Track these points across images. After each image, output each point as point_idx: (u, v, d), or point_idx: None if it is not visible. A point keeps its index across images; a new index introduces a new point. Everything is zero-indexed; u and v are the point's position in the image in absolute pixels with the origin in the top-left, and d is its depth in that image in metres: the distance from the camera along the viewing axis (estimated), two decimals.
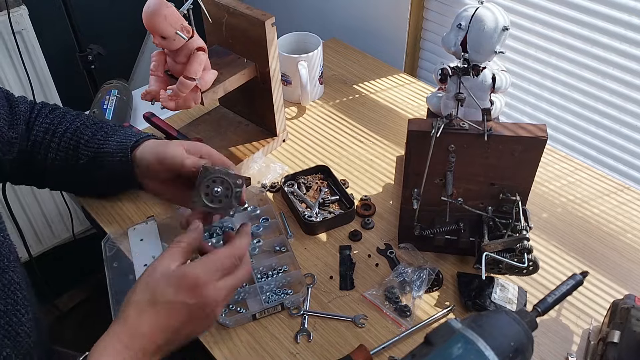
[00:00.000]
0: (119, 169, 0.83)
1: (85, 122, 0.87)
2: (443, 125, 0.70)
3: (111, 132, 0.86)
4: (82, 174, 0.86)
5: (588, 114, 1.08)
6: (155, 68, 0.88)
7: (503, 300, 0.76)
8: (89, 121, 0.88)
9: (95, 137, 0.85)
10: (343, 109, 1.14)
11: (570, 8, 1.01)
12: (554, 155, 1.02)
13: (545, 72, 1.11)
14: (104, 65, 1.42)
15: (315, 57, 1.11)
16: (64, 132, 0.85)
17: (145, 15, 0.78)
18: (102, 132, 0.86)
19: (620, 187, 0.95)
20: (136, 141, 0.82)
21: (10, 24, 1.29)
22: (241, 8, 0.91)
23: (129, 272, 0.83)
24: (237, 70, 0.94)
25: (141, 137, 0.84)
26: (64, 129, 0.86)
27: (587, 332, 0.75)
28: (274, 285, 0.81)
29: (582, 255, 0.85)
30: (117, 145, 0.83)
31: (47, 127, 0.86)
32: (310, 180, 0.97)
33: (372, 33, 1.38)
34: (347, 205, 0.92)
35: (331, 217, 0.89)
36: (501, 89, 0.80)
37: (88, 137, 0.85)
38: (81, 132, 0.85)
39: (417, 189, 0.77)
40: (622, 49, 0.97)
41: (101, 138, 0.85)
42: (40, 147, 0.85)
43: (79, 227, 1.68)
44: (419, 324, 0.76)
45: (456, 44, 0.77)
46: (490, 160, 0.73)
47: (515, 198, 0.75)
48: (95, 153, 0.84)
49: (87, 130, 0.86)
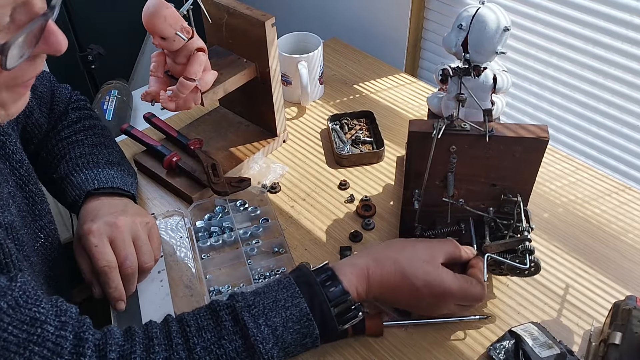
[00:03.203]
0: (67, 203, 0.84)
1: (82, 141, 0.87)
2: (444, 126, 0.70)
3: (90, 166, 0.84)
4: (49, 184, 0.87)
5: (589, 114, 1.08)
6: (155, 69, 0.87)
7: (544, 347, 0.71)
8: (87, 140, 0.88)
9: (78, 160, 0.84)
10: (343, 109, 1.14)
11: (572, 8, 1.00)
12: (555, 155, 1.02)
13: (546, 72, 1.10)
14: (104, 65, 1.42)
15: (316, 57, 1.11)
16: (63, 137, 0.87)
17: (145, 16, 0.78)
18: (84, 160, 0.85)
19: (621, 188, 0.95)
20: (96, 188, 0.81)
21: None
22: (241, 8, 0.90)
23: None
24: (237, 70, 0.94)
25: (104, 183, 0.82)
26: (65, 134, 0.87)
27: (588, 334, 0.74)
28: None
29: (583, 256, 0.85)
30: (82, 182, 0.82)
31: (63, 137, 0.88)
32: (354, 123, 1.07)
33: (373, 33, 1.37)
34: (377, 147, 1.03)
35: (359, 152, 1.00)
36: (502, 89, 0.80)
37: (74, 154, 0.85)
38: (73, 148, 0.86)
39: (418, 190, 0.77)
40: (624, 49, 0.97)
41: (80, 164, 0.84)
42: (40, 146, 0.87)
43: None
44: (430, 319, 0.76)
45: (457, 45, 0.76)
46: (492, 161, 0.73)
47: (517, 199, 0.75)
48: (65, 175, 0.84)
49: (77, 150, 0.86)
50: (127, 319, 0.76)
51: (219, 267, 0.84)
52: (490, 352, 0.71)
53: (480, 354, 0.72)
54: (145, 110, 1.10)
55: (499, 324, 0.76)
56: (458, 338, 0.74)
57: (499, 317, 0.77)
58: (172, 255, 0.85)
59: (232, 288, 0.80)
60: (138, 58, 1.81)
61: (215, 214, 0.91)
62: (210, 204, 0.93)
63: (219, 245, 0.87)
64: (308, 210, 0.94)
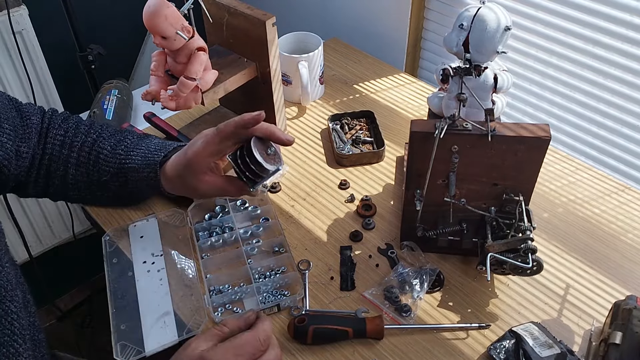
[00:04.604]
0: (144, 185, 0.83)
1: (101, 134, 0.86)
2: (446, 126, 0.70)
3: (132, 146, 0.84)
4: (105, 189, 0.86)
5: (589, 114, 1.08)
6: (155, 68, 0.87)
7: (545, 346, 0.71)
8: (105, 133, 0.86)
9: (115, 151, 0.84)
10: (344, 109, 1.14)
11: (572, 8, 1.00)
12: (555, 155, 1.02)
13: (546, 72, 1.10)
14: (104, 65, 1.42)
15: (316, 57, 1.11)
16: (81, 145, 0.84)
17: (145, 15, 0.78)
18: (123, 146, 0.84)
19: (621, 188, 0.95)
20: (165, 155, 0.82)
21: (10, 24, 1.29)
22: (242, 8, 0.90)
23: (128, 268, 0.83)
24: (237, 70, 0.94)
25: (167, 149, 0.83)
26: (80, 142, 0.85)
27: (588, 333, 0.74)
28: (271, 287, 0.80)
29: (583, 256, 0.85)
30: (142, 160, 0.83)
31: (62, 140, 0.84)
32: (354, 122, 1.08)
33: (373, 33, 1.37)
34: (377, 147, 1.02)
35: (359, 152, 1.01)
36: (503, 89, 0.80)
37: (107, 151, 0.84)
38: (99, 146, 0.84)
39: (419, 190, 0.77)
40: (624, 49, 0.97)
41: (122, 153, 0.84)
42: (59, 162, 0.84)
43: (79, 227, 1.68)
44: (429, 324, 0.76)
45: (458, 44, 0.76)
46: (493, 161, 0.73)
47: (518, 198, 0.75)
48: (118, 169, 0.83)
49: (105, 144, 0.84)
50: (126, 318, 0.76)
51: (219, 267, 0.84)
52: (491, 352, 0.71)
53: (481, 353, 0.72)
54: (145, 109, 1.10)
55: (500, 324, 0.76)
56: (459, 338, 0.74)
57: (499, 316, 0.77)
58: (172, 255, 0.85)
59: (232, 287, 0.80)
60: (138, 58, 1.80)
61: (216, 214, 0.91)
62: (211, 204, 0.93)
63: (219, 245, 0.87)
64: (308, 209, 0.94)
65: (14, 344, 0.65)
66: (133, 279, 0.82)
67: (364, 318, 0.74)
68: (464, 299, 0.79)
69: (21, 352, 0.65)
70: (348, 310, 0.77)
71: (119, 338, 0.74)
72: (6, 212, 1.18)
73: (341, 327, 0.73)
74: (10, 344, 0.64)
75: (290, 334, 0.74)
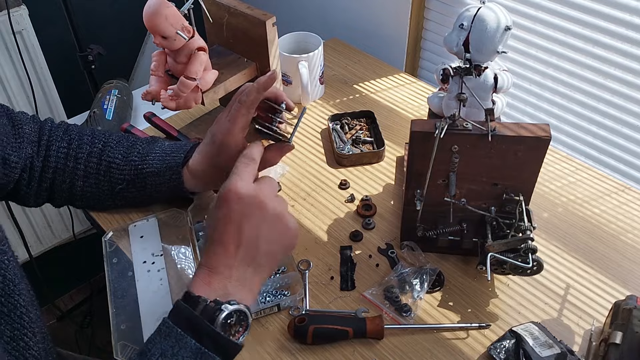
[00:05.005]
0: (164, 188, 0.83)
1: (107, 143, 0.85)
2: (447, 126, 0.70)
3: (145, 151, 0.84)
4: (120, 197, 0.86)
5: (589, 114, 1.08)
6: (155, 68, 0.88)
7: (545, 346, 0.71)
8: (111, 141, 0.85)
9: (128, 158, 0.83)
10: (344, 109, 1.14)
11: (572, 8, 1.01)
12: (554, 155, 1.02)
13: (547, 72, 1.11)
14: (104, 65, 1.42)
15: (316, 57, 1.11)
16: (87, 156, 0.83)
17: (145, 15, 0.78)
18: (135, 152, 0.84)
19: (621, 188, 0.95)
20: (185, 156, 0.82)
21: (10, 23, 1.29)
22: (242, 8, 0.90)
23: (128, 268, 0.83)
24: (237, 70, 0.94)
25: (184, 149, 0.83)
26: (86, 153, 0.84)
27: (588, 333, 0.74)
28: (271, 286, 0.80)
29: (583, 256, 0.85)
30: (161, 163, 0.82)
31: (66, 152, 0.83)
32: (354, 122, 1.08)
33: (373, 33, 1.37)
34: (377, 147, 1.03)
35: (359, 152, 1.01)
36: (503, 89, 0.80)
37: (119, 160, 0.83)
38: (109, 156, 0.84)
39: (420, 190, 0.77)
40: (624, 49, 0.97)
41: (136, 159, 0.83)
42: (64, 175, 0.83)
43: (79, 227, 1.68)
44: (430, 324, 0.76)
45: (458, 44, 0.76)
46: (493, 161, 0.73)
47: (519, 198, 0.75)
48: (134, 176, 0.83)
49: (115, 153, 0.84)
50: (126, 318, 0.76)
51: None
52: (491, 352, 0.71)
53: (481, 353, 0.72)
54: (145, 109, 1.10)
55: (500, 324, 0.76)
56: (459, 337, 0.75)
57: (499, 316, 0.77)
58: (172, 255, 0.85)
59: None
60: (138, 58, 1.80)
61: None
62: (211, 203, 0.93)
63: None
64: (308, 209, 0.94)
65: (24, 337, 0.65)
66: (133, 279, 0.82)
67: (364, 318, 0.74)
68: (464, 298, 0.79)
69: (31, 345, 0.66)
70: (348, 310, 0.77)
71: (119, 338, 0.74)
72: (6, 212, 1.18)
73: (341, 327, 0.73)
74: (20, 337, 0.65)
75: (290, 333, 0.74)
